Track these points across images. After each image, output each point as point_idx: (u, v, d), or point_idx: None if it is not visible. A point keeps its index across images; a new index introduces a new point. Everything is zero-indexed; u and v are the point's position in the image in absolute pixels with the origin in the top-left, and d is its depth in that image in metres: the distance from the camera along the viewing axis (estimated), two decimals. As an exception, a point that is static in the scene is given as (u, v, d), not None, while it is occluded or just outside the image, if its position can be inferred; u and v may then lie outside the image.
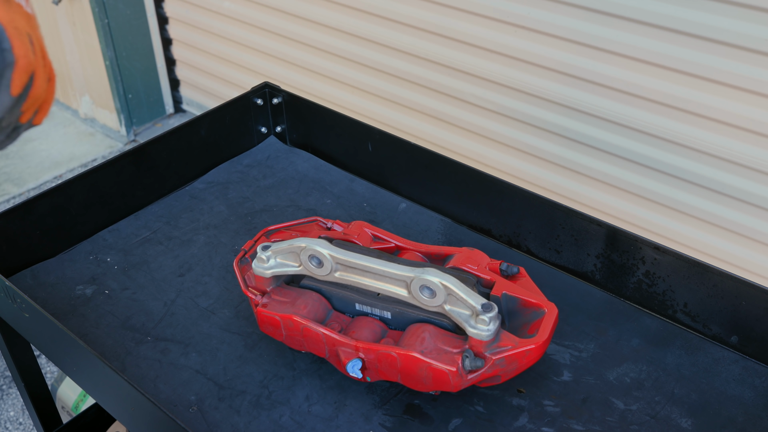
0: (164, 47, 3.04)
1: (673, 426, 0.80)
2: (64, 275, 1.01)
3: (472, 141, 2.13)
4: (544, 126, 1.93)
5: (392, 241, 0.91)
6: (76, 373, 0.92)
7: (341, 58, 2.36)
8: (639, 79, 1.69)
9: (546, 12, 1.78)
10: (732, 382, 0.85)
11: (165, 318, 0.95)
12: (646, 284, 0.93)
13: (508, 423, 0.81)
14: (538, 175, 2.03)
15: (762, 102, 1.54)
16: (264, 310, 0.83)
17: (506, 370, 0.76)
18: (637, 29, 1.65)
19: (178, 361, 0.89)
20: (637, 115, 1.74)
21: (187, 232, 1.09)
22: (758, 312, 0.85)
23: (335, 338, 0.80)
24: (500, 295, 0.81)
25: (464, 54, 2.00)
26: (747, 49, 1.51)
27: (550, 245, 1.01)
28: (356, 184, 1.19)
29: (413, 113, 2.25)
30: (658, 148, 1.74)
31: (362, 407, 0.83)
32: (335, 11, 2.28)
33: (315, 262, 0.81)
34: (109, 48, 2.90)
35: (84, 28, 2.95)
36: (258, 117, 1.26)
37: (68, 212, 1.05)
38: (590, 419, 0.81)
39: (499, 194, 1.03)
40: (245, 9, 2.58)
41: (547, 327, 0.77)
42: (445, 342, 0.77)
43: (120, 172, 1.10)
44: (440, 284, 0.75)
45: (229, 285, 0.99)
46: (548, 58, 1.83)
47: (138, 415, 0.81)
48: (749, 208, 1.67)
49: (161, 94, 3.17)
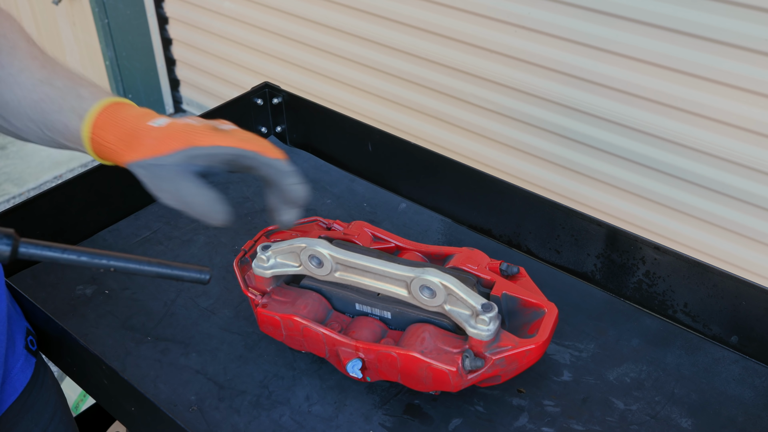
0: (164, 47, 3.04)
1: (673, 426, 0.80)
2: (64, 275, 1.01)
3: (472, 141, 2.13)
4: (544, 126, 1.93)
5: (392, 241, 0.91)
6: (76, 373, 0.93)
7: (341, 58, 2.36)
8: (639, 79, 1.69)
9: (546, 12, 1.78)
10: (732, 382, 0.85)
11: (165, 318, 0.95)
12: (646, 284, 0.93)
13: (508, 423, 0.81)
14: (538, 175, 2.03)
15: (762, 102, 1.54)
16: (264, 310, 0.83)
17: (506, 370, 0.76)
18: (637, 29, 1.65)
19: (178, 361, 0.89)
20: (637, 115, 1.74)
21: (187, 232, 1.09)
22: (758, 312, 0.85)
23: (335, 338, 0.80)
24: (500, 295, 0.81)
25: (464, 54, 2.01)
26: (747, 49, 1.51)
27: (550, 245, 1.01)
28: (356, 184, 1.19)
29: (413, 113, 2.25)
30: (658, 148, 1.74)
31: (362, 407, 0.83)
32: (335, 11, 2.28)
33: (315, 262, 0.81)
34: (109, 48, 2.90)
35: (84, 28, 2.95)
36: (258, 117, 1.26)
37: (68, 212, 1.05)
38: (590, 419, 0.81)
39: (499, 194, 1.03)
40: (245, 9, 2.58)
41: (547, 327, 0.77)
42: (445, 342, 0.77)
43: (120, 172, 1.09)
44: (440, 284, 0.76)
45: (229, 285, 0.99)
46: (548, 58, 1.83)
47: (138, 415, 0.81)
48: (749, 208, 1.67)
49: (161, 94, 3.17)
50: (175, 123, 0.71)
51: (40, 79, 0.74)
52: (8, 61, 0.74)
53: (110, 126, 0.72)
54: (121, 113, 0.72)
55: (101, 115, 0.72)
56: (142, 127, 0.71)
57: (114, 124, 0.72)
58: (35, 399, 0.88)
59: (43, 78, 0.74)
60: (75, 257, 0.57)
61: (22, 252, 0.55)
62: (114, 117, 0.72)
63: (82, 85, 0.75)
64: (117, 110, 0.73)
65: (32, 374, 0.88)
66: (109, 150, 0.72)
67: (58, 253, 0.56)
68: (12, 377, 0.85)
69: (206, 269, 0.60)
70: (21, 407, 0.86)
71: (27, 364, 0.87)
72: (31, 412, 0.88)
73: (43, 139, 0.77)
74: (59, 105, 0.73)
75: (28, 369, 0.87)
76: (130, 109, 0.74)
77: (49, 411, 0.91)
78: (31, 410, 0.88)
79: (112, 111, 0.72)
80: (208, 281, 0.61)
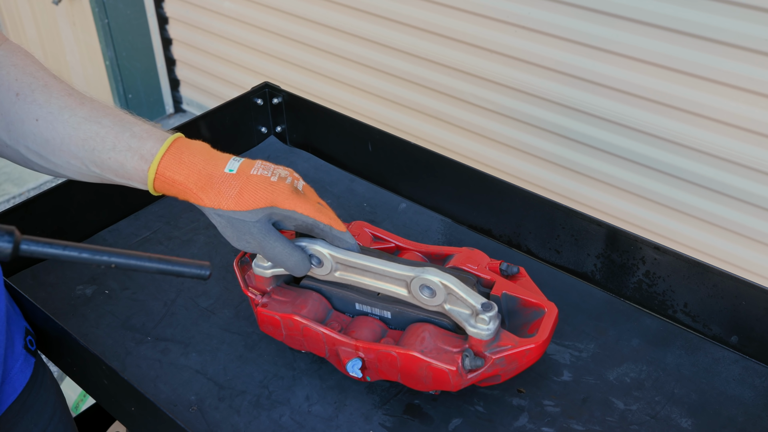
0: (164, 47, 3.04)
1: (673, 426, 0.80)
2: (64, 275, 1.01)
3: (472, 141, 2.13)
4: (544, 126, 1.93)
5: (392, 241, 0.91)
6: (76, 373, 0.93)
7: (341, 58, 2.36)
8: (639, 79, 1.69)
9: (546, 12, 1.78)
10: (732, 382, 0.85)
11: (165, 318, 0.95)
12: (646, 284, 0.93)
13: (508, 423, 0.81)
14: (538, 175, 2.03)
15: (762, 102, 1.54)
16: (264, 309, 0.83)
17: (506, 370, 0.76)
18: (637, 29, 1.65)
19: (178, 361, 0.89)
20: (637, 115, 1.74)
21: (187, 232, 1.09)
22: (758, 312, 0.85)
23: (335, 338, 0.80)
24: (500, 294, 0.81)
25: (464, 54, 2.01)
26: (747, 49, 1.51)
27: (550, 245, 1.01)
28: (356, 184, 1.19)
29: (413, 113, 2.25)
30: (658, 148, 1.74)
31: (362, 407, 0.83)
32: (335, 11, 2.28)
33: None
34: (109, 48, 2.90)
35: (84, 28, 2.95)
36: (258, 117, 1.26)
37: (68, 212, 1.05)
38: (590, 419, 0.81)
39: (499, 194, 1.03)
40: (245, 9, 2.58)
41: (547, 327, 0.77)
42: (445, 341, 0.77)
43: (120, 172, 1.10)
44: (440, 284, 0.76)
45: (229, 285, 0.99)
46: (548, 58, 1.83)
47: (138, 415, 0.81)
48: (749, 208, 1.67)
49: (161, 94, 3.17)
50: (251, 176, 0.74)
51: (84, 117, 0.75)
52: (45, 99, 0.75)
53: (181, 168, 0.74)
54: (187, 153, 0.74)
55: (168, 156, 0.74)
56: (218, 175, 0.74)
57: (183, 166, 0.74)
58: (34, 399, 0.88)
59: (86, 116, 0.75)
60: (76, 254, 0.57)
61: (24, 249, 0.55)
62: (181, 159, 0.74)
63: (132, 122, 0.76)
64: (182, 150, 0.75)
65: (31, 374, 0.88)
66: (178, 190, 0.75)
67: (59, 249, 0.56)
68: (11, 377, 0.85)
69: (206, 264, 0.61)
70: (20, 407, 0.86)
71: (26, 365, 0.87)
72: (31, 412, 0.88)
73: (86, 175, 0.78)
74: (112, 143, 0.74)
75: (28, 369, 0.87)
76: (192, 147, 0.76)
77: (49, 411, 0.91)
78: (30, 410, 0.88)
79: (177, 151, 0.74)
80: (208, 276, 0.61)
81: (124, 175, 0.75)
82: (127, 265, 0.59)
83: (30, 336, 0.89)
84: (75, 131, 0.74)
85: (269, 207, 0.74)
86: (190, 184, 0.74)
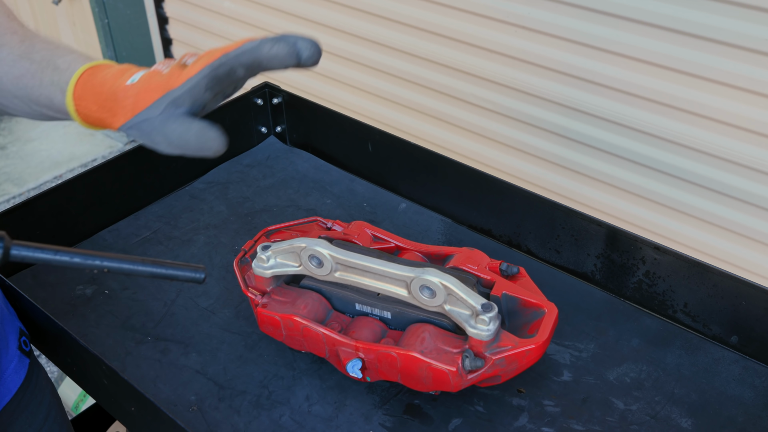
0: (164, 47, 3.04)
1: (673, 426, 0.80)
2: (64, 275, 1.01)
3: (472, 141, 2.13)
4: (544, 126, 1.93)
5: (392, 241, 0.91)
6: (75, 373, 0.92)
7: (341, 58, 2.36)
8: (639, 79, 1.69)
9: (546, 12, 1.78)
10: (732, 382, 0.85)
11: (165, 318, 0.95)
12: (646, 284, 0.93)
13: (508, 423, 0.81)
14: (538, 175, 2.02)
15: (762, 102, 1.54)
16: (264, 310, 0.83)
17: (506, 370, 0.76)
18: (637, 29, 1.65)
19: (178, 361, 0.89)
20: (637, 115, 1.74)
21: (187, 232, 1.09)
22: (758, 312, 0.85)
23: (335, 338, 0.80)
24: (500, 295, 0.81)
25: (464, 54, 2.00)
26: (747, 49, 1.51)
27: (550, 245, 1.01)
28: (356, 184, 1.19)
29: (413, 113, 2.24)
30: (658, 148, 1.74)
31: (362, 407, 0.83)
32: (335, 11, 2.28)
33: (315, 262, 0.81)
34: (109, 48, 2.90)
35: (84, 28, 2.95)
36: (258, 117, 1.26)
37: (68, 212, 1.05)
38: (590, 419, 0.81)
39: (499, 194, 1.03)
40: (245, 9, 2.58)
41: (547, 327, 0.77)
42: (445, 342, 0.77)
43: (120, 172, 1.10)
44: (440, 284, 0.76)
45: (229, 285, 0.99)
46: (548, 58, 1.83)
47: (138, 415, 0.81)
48: (749, 208, 1.67)
49: (161, 94, 3.17)
50: (146, 75, 0.69)
51: (19, 54, 0.72)
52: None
53: (89, 95, 0.69)
54: (96, 79, 0.70)
55: (78, 85, 0.70)
56: (120, 89, 0.69)
57: (93, 92, 0.69)
58: (29, 400, 0.88)
59: (22, 53, 0.73)
60: (68, 258, 0.56)
61: (14, 254, 0.54)
62: (91, 84, 0.70)
63: (59, 56, 0.72)
64: (92, 76, 0.70)
65: (26, 375, 0.88)
66: (96, 119, 0.71)
67: (50, 254, 0.56)
68: (5, 378, 0.84)
69: (201, 268, 0.60)
70: (15, 408, 0.86)
71: (20, 365, 0.87)
72: (26, 412, 0.88)
73: (34, 113, 0.75)
74: (39, 79, 0.71)
75: (22, 370, 0.87)
76: (105, 70, 0.71)
77: (43, 411, 0.91)
78: (25, 411, 0.88)
79: (87, 79, 0.70)
80: (203, 280, 0.60)
81: (57, 111, 0.72)
82: (119, 269, 0.58)
83: (24, 336, 0.89)
84: (10, 69, 0.72)
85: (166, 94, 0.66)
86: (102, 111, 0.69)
